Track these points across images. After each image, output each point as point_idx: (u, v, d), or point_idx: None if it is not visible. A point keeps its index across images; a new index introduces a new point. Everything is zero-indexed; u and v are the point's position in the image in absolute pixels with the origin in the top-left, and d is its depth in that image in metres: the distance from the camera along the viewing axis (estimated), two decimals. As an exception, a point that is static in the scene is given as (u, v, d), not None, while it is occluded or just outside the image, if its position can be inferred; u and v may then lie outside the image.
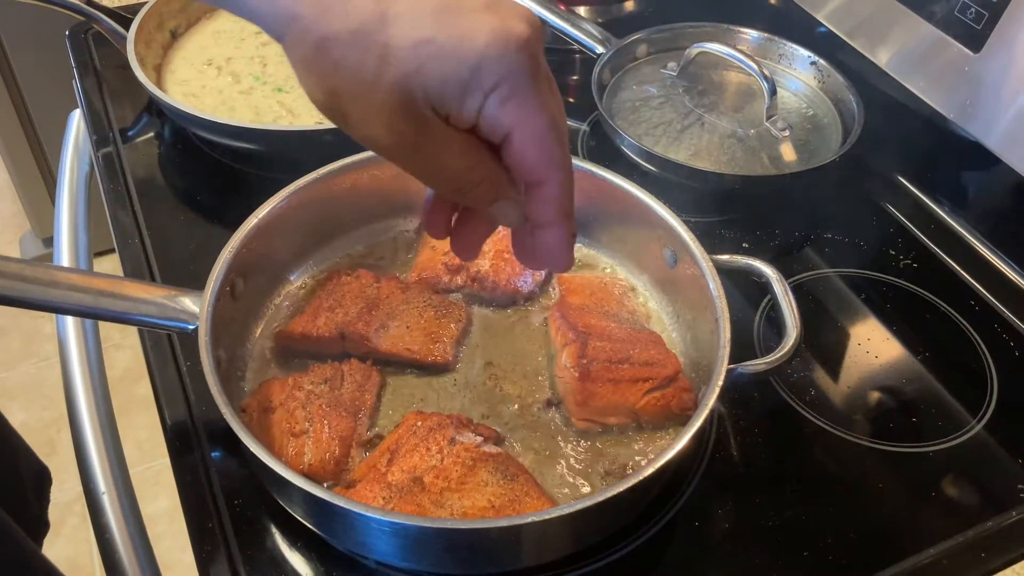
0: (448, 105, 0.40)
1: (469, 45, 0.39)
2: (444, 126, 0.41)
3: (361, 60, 0.39)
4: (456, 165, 0.42)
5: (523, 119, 0.41)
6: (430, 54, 0.39)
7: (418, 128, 0.40)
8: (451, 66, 0.39)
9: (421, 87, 0.39)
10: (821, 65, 0.98)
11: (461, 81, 0.39)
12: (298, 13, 0.39)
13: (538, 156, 0.42)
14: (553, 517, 0.52)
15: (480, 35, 0.39)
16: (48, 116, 1.90)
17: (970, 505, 0.66)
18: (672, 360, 0.68)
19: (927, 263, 0.85)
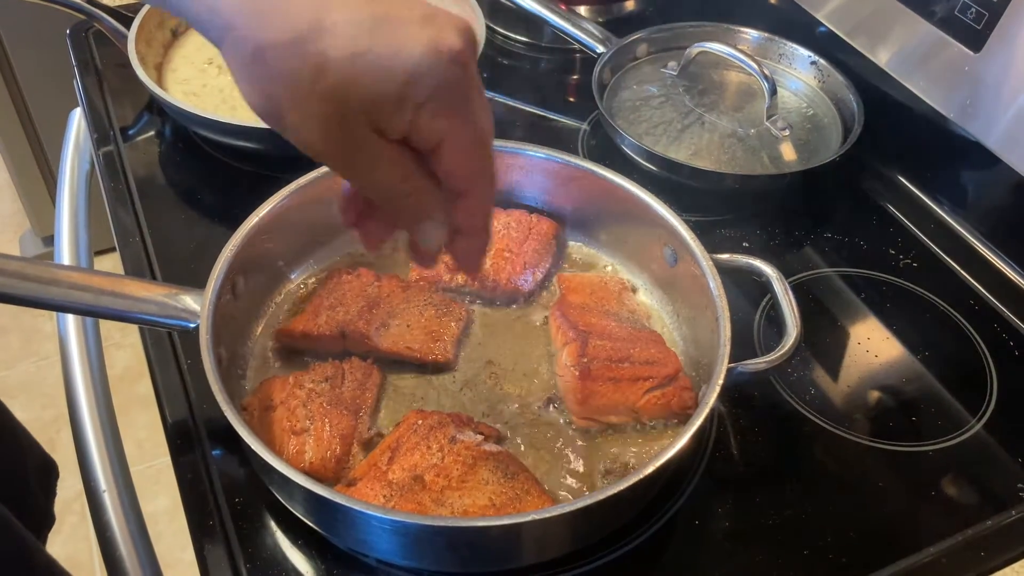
0: (382, 115, 0.41)
1: (403, 58, 0.40)
2: (376, 137, 0.42)
3: (297, 69, 0.39)
4: (388, 175, 0.43)
5: (453, 130, 0.42)
6: (365, 65, 0.39)
7: (352, 136, 0.41)
8: (385, 78, 0.40)
9: (356, 97, 0.40)
10: (821, 65, 0.98)
11: (395, 92, 0.40)
12: (234, 23, 0.40)
13: (466, 166, 0.44)
14: (553, 516, 0.52)
15: (414, 48, 0.40)
16: (48, 115, 1.90)
17: (970, 504, 0.66)
18: (672, 359, 0.68)
19: (927, 263, 0.85)
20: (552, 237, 0.79)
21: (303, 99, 0.40)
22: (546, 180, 0.80)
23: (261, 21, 0.39)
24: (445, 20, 0.41)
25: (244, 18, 0.40)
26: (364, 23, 0.39)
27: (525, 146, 0.79)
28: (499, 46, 1.12)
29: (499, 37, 1.12)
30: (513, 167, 0.80)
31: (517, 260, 0.76)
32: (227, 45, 0.41)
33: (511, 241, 0.77)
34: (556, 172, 0.79)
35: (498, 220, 0.79)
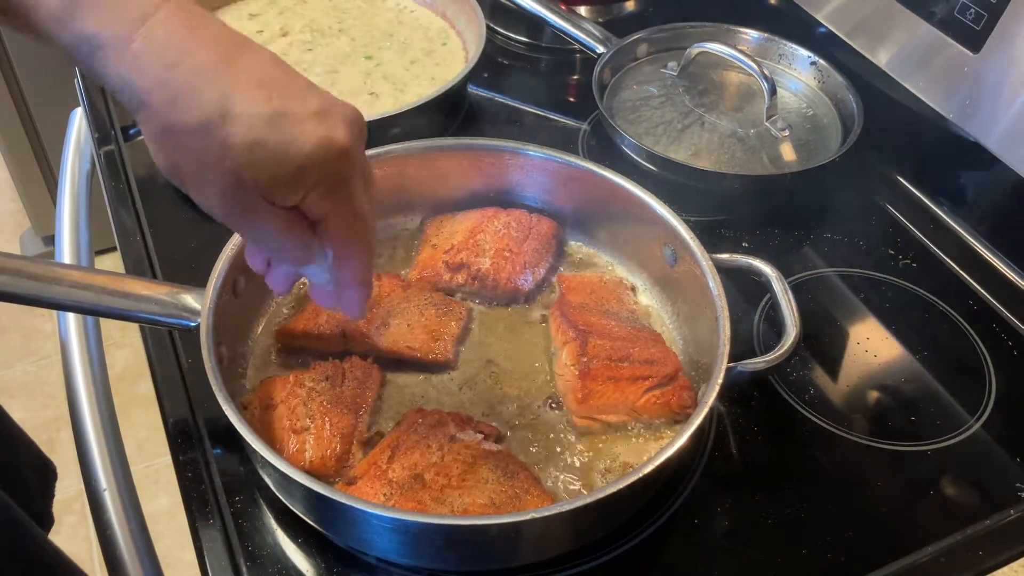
0: (275, 195, 0.47)
1: (296, 150, 0.46)
2: (269, 207, 0.48)
3: (202, 149, 0.45)
4: (276, 236, 0.50)
5: (336, 211, 0.49)
6: (263, 154, 0.45)
7: (247, 205, 0.47)
8: (280, 166, 0.46)
9: (252, 178, 0.46)
10: (821, 65, 0.98)
11: (287, 178, 0.46)
12: (147, 101, 0.45)
13: (346, 238, 0.51)
14: (553, 514, 0.52)
15: (306, 143, 0.46)
16: (49, 114, 1.90)
17: (968, 503, 0.66)
18: (672, 358, 0.68)
19: (926, 263, 0.86)
20: (552, 237, 0.79)
21: (205, 173, 0.46)
22: (546, 180, 0.80)
23: (172, 104, 0.44)
24: (336, 114, 0.48)
25: (156, 99, 0.44)
26: (263, 116, 0.45)
27: (525, 146, 0.79)
28: (499, 46, 1.12)
29: (499, 37, 1.12)
30: (513, 167, 0.80)
31: (517, 260, 0.76)
32: (140, 117, 0.46)
33: (511, 241, 0.77)
34: (556, 172, 0.79)
35: (498, 220, 0.79)
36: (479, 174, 0.80)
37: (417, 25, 1.07)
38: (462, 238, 0.78)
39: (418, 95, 0.94)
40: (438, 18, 1.08)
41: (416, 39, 1.05)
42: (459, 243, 0.77)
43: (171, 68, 0.44)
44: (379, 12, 1.09)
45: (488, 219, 0.79)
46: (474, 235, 0.78)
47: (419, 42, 1.04)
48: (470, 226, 0.79)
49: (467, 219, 0.80)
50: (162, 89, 0.44)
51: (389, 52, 1.02)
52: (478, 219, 0.79)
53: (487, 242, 0.77)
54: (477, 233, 0.78)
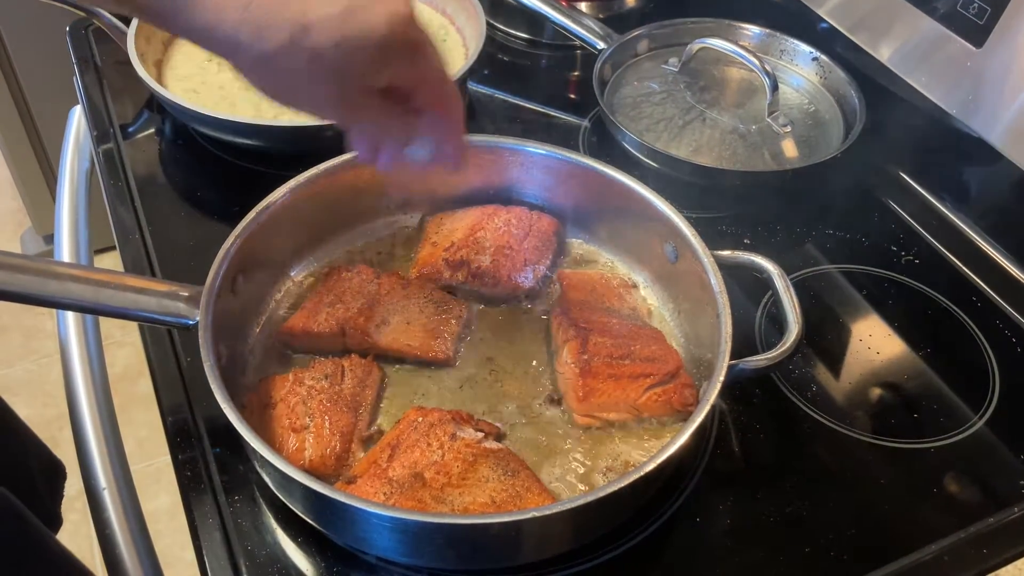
0: (367, 77, 0.53)
1: (373, 34, 0.50)
2: (367, 94, 0.54)
3: (295, 66, 0.50)
4: (382, 120, 0.56)
5: (422, 76, 0.55)
6: (348, 48, 0.50)
7: (348, 97, 0.53)
8: (365, 54, 0.51)
9: (345, 72, 0.51)
10: (823, 61, 0.97)
11: (374, 59, 0.51)
12: (238, 41, 0.50)
13: (439, 96, 0.57)
14: (553, 513, 0.52)
15: (379, 24, 0.50)
16: (49, 112, 1.90)
17: (971, 501, 0.66)
18: (673, 356, 0.68)
19: (929, 259, 0.85)
20: (553, 234, 0.79)
21: (305, 83, 0.52)
22: (547, 177, 0.80)
23: (259, 36, 0.49)
24: None
25: (245, 37, 0.49)
26: (336, 16, 0.49)
27: (526, 143, 0.78)
28: (500, 43, 1.11)
29: (500, 34, 1.12)
30: (514, 164, 0.79)
31: (517, 257, 0.76)
32: (235, 58, 0.51)
33: (512, 238, 0.77)
34: (557, 169, 0.79)
35: (499, 217, 0.79)
36: (479, 171, 0.80)
37: (417, 22, 1.07)
38: (462, 236, 0.77)
39: (418, 92, 0.93)
40: (438, 15, 1.08)
41: (416, 36, 1.04)
42: (459, 241, 0.77)
43: (245, 8, 0.49)
44: (379, 9, 1.09)
45: (488, 216, 0.79)
46: (474, 233, 0.77)
47: (419, 39, 1.04)
48: (470, 223, 0.78)
49: (467, 216, 0.79)
50: (246, 27, 0.49)
51: (389, 49, 1.02)
52: (478, 216, 0.79)
53: (487, 240, 0.77)
54: (477, 231, 0.78)
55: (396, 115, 0.57)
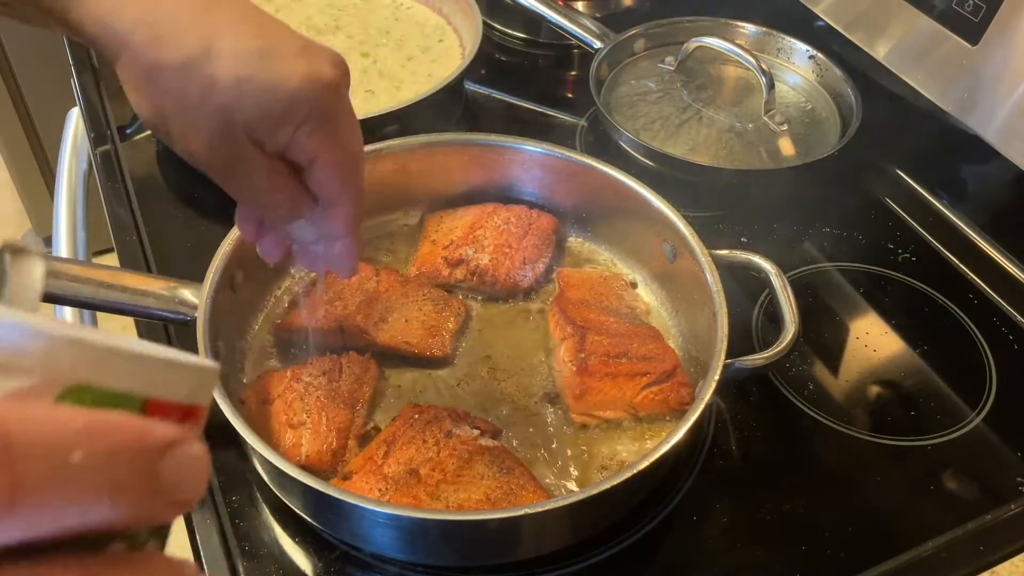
0: (263, 133, 0.46)
1: (284, 85, 0.45)
2: (254, 150, 0.46)
3: (187, 88, 0.44)
4: (262, 184, 0.48)
5: (325, 149, 0.47)
6: (250, 90, 0.44)
7: (233, 150, 0.46)
8: (268, 102, 0.45)
9: (240, 116, 0.45)
10: (819, 59, 0.97)
11: (275, 115, 0.45)
12: (130, 41, 0.44)
13: (336, 180, 0.49)
14: (548, 510, 0.52)
15: (294, 77, 0.45)
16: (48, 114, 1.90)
17: (969, 498, 0.66)
18: (670, 355, 0.68)
19: (926, 257, 0.85)
20: (551, 232, 0.79)
21: (190, 114, 0.45)
22: (545, 175, 0.80)
23: (155, 43, 0.44)
24: (320, 53, 0.47)
25: (138, 38, 0.44)
26: (250, 52, 0.44)
27: (524, 141, 0.78)
28: (497, 43, 1.11)
29: (496, 34, 1.12)
30: (513, 163, 0.80)
31: (516, 255, 0.76)
32: (122, 62, 0.45)
33: (510, 236, 0.77)
34: (555, 168, 0.79)
35: (498, 216, 0.79)
36: (479, 170, 0.80)
37: (414, 22, 1.07)
38: (461, 234, 0.77)
39: (415, 92, 0.93)
40: (434, 15, 1.08)
41: (413, 36, 1.04)
42: (458, 239, 0.77)
43: (153, 7, 0.44)
44: (375, 9, 1.09)
45: (488, 215, 0.79)
46: (473, 231, 0.78)
47: (415, 39, 1.04)
48: (469, 222, 0.78)
49: (467, 215, 0.79)
50: (144, 28, 0.43)
51: (385, 49, 1.02)
52: (477, 215, 0.79)
53: (486, 238, 0.77)
54: (476, 229, 0.78)
55: (284, 184, 0.48)
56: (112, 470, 0.21)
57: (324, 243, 0.54)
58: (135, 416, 0.24)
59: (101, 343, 0.23)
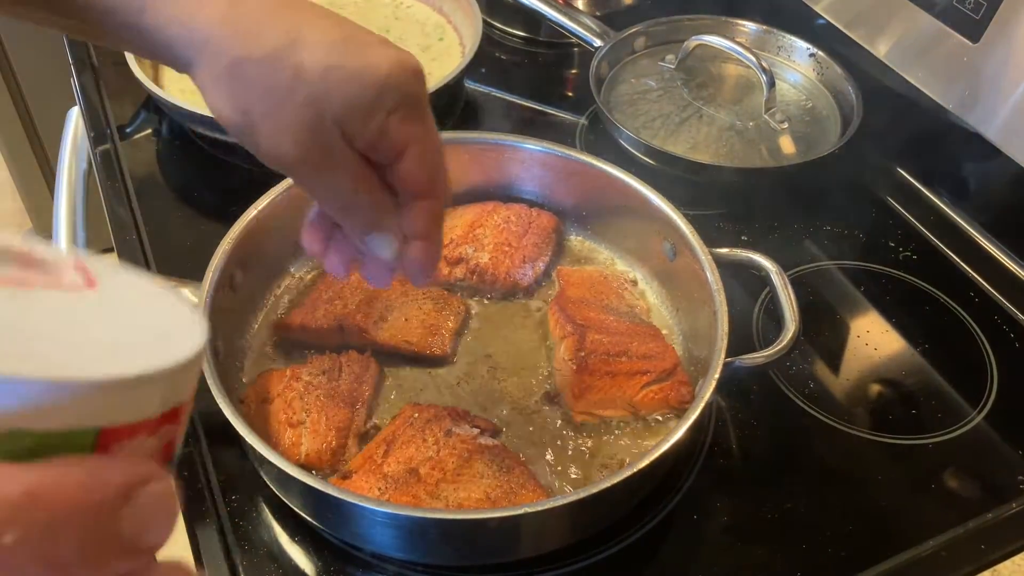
0: (353, 123, 0.44)
1: (374, 72, 0.43)
2: (344, 145, 0.45)
3: (273, 81, 0.43)
4: (349, 184, 0.46)
5: (418, 137, 0.46)
6: (339, 78, 0.43)
7: (322, 145, 0.44)
8: (357, 89, 0.43)
9: (330, 106, 0.43)
10: (820, 57, 0.97)
11: (366, 102, 0.44)
12: (212, 35, 0.43)
13: (427, 171, 0.47)
14: (547, 509, 0.52)
15: (383, 64, 0.44)
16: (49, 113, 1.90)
17: (970, 497, 0.66)
18: (670, 353, 0.68)
19: (927, 255, 0.85)
20: (552, 231, 0.79)
21: (278, 108, 0.43)
22: (546, 174, 0.80)
23: (237, 36, 0.43)
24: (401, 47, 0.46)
25: (221, 33, 0.43)
26: (335, 41, 0.43)
27: (525, 140, 0.78)
28: (497, 41, 1.11)
29: (496, 32, 1.12)
30: (513, 161, 0.79)
31: (516, 254, 0.76)
32: (203, 60, 0.43)
33: (510, 235, 0.77)
34: (556, 166, 0.78)
35: (498, 214, 0.79)
36: (479, 168, 0.80)
37: (413, 21, 1.07)
38: (461, 232, 0.77)
39: (415, 90, 0.93)
40: (434, 13, 1.08)
41: (412, 35, 1.04)
42: (458, 237, 0.77)
43: (231, 7, 0.43)
44: (375, 8, 1.09)
45: (488, 213, 0.79)
46: (473, 229, 0.77)
47: (415, 38, 1.04)
48: (469, 220, 0.78)
49: (467, 213, 0.79)
50: (227, 24, 0.43)
51: (386, 48, 1.02)
52: (477, 213, 0.79)
53: (486, 236, 0.77)
54: (476, 227, 0.78)
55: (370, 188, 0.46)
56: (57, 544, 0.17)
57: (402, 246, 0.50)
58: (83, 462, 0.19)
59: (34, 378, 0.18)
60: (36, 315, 0.21)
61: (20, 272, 0.22)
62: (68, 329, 0.20)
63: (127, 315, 0.23)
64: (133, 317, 0.23)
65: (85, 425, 0.19)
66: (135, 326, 0.23)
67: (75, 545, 0.18)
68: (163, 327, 0.23)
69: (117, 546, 0.18)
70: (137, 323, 0.23)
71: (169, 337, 0.22)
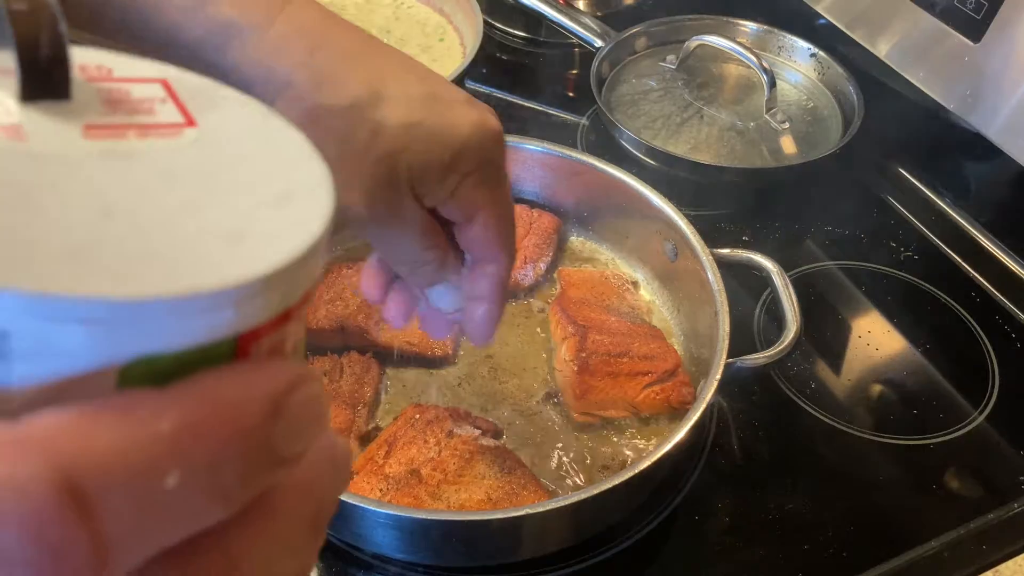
0: (427, 183, 0.43)
1: (454, 132, 0.42)
2: (414, 203, 0.44)
3: (352, 133, 0.42)
4: (416, 241, 0.45)
5: (488, 203, 0.45)
6: (418, 136, 0.42)
7: (392, 201, 0.43)
8: (436, 149, 0.42)
9: (406, 164, 0.42)
10: (821, 57, 0.97)
11: (444, 163, 0.43)
12: (292, 80, 0.42)
13: (494, 237, 0.46)
14: (549, 510, 0.52)
15: (464, 125, 0.43)
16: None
17: (971, 497, 0.66)
18: (672, 354, 0.68)
19: (928, 255, 0.85)
20: (553, 232, 0.79)
21: (352, 162, 0.42)
22: (546, 175, 0.80)
23: (320, 84, 0.42)
24: (483, 105, 0.45)
25: (301, 79, 0.42)
26: (417, 98, 0.42)
27: (525, 140, 0.78)
28: (497, 42, 1.11)
29: (497, 32, 1.12)
30: (514, 162, 0.79)
31: (517, 255, 0.76)
32: (282, 102, 0.42)
33: (510, 236, 0.77)
34: (556, 167, 0.78)
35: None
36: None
37: (414, 21, 1.07)
38: (461, 234, 0.77)
39: (416, 91, 0.93)
40: (435, 14, 1.08)
41: (413, 35, 1.04)
42: (458, 239, 0.77)
43: (315, 50, 0.42)
44: (376, 8, 1.09)
45: (487, 214, 0.79)
46: (473, 231, 0.77)
47: (416, 38, 1.04)
48: (469, 222, 0.78)
49: (466, 215, 0.79)
50: (306, 70, 0.42)
51: (387, 48, 1.02)
52: (476, 214, 0.79)
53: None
54: (476, 229, 0.78)
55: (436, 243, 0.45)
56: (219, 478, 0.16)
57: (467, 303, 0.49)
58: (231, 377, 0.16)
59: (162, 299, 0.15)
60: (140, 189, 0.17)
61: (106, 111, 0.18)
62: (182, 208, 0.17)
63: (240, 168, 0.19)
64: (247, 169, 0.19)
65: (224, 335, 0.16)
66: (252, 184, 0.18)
67: (237, 471, 0.16)
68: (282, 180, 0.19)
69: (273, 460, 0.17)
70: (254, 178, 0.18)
71: (292, 197, 0.18)
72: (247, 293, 0.16)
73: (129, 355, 0.15)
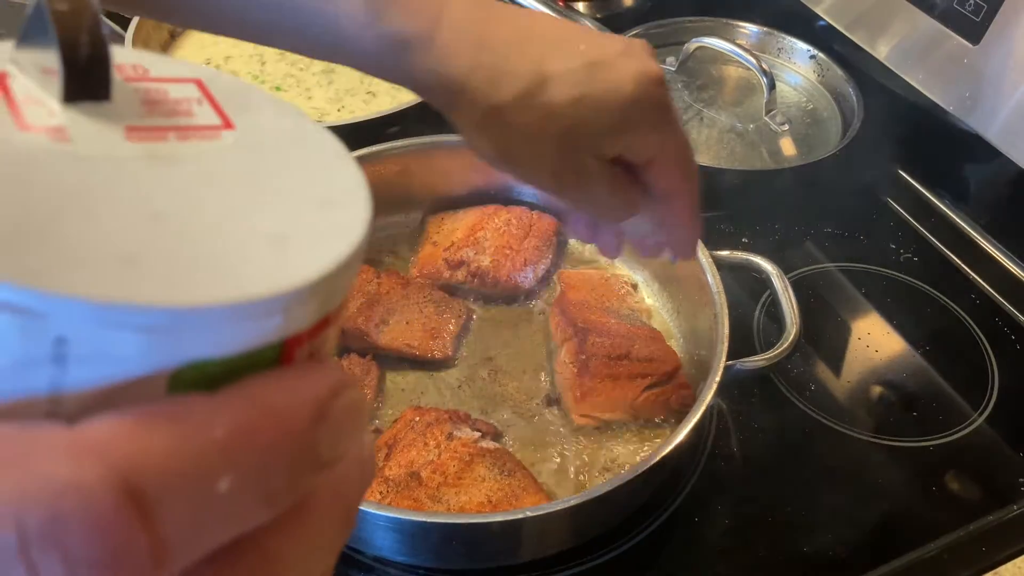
0: (603, 145, 0.46)
1: (619, 93, 0.45)
2: (596, 162, 0.47)
3: (527, 121, 0.45)
4: (605, 195, 0.49)
5: (665, 146, 0.48)
6: (587, 106, 0.44)
7: (577, 168, 0.47)
8: (605, 115, 0.45)
9: (582, 135, 0.45)
10: (820, 59, 0.97)
11: (614, 124, 0.45)
12: (466, 85, 0.44)
13: (675, 175, 0.49)
14: (549, 512, 0.52)
15: (626, 83, 0.45)
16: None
17: (971, 499, 0.66)
18: (672, 356, 0.68)
19: (927, 256, 0.85)
20: (552, 234, 0.79)
21: (534, 145, 0.46)
22: (545, 177, 0.80)
23: (491, 83, 0.44)
24: (640, 49, 0.47)
25: (475, 82, 0.44)
26: (580, 69, 0.44)
27: (523, 143, 0.78)
28: (498, 43, 1.11)
29: (498, 34, 1.12)
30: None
31: (517, 257, 0.76)
32: (460, 107, 0.46)
33: (511, 238, 0.77)
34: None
35: (499, 217, 0.79)
36: (480, 171, 0.80)
37: (415, 23, 1.07)
38: (462, 235, 0.77)
39: (416, 93, 0.93)
40: (436, 16, 1.08)
41: (414, 37, 1.04)
42: (459, 240, 0.77)
43: (480, 50, 0.44)
44: (377, 10, 1.09)
45: (489, 216, 0.79)
46: (474, 232, 0.78)
47: (417, 40, 1.04)
48: (471, 223, 0.78)
49: (468, 216, 0.79)
50: (478, 71, 0.44)
51: (387, 50, 1.02)
52: (479, 216, 0.79)
53: (487, 239, 0.77)
54: (478, 230, 0.78)
55: (624, 189, 0.49)
56: (267, 481, 0.16)
57: (665, 229, 0.54)
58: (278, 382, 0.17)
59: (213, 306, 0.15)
60: (185, 193, 0.17)
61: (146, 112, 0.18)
62: (226, 212, 0.17)
63: (280, 171, 0.18)
64: (287, 173, 0.19)
65: (272, 340, 0.16)
66: (293, 188, 0.18)
67: (284, 474, 0.16)
68: (322, 184, 0.19)
69: (317, 464, 0.17)
70: (294, 182, 0.18)
71: (333, 201, 0.18)
72: (296, 299, 0.16)
73: (181, 360, 0.16)
